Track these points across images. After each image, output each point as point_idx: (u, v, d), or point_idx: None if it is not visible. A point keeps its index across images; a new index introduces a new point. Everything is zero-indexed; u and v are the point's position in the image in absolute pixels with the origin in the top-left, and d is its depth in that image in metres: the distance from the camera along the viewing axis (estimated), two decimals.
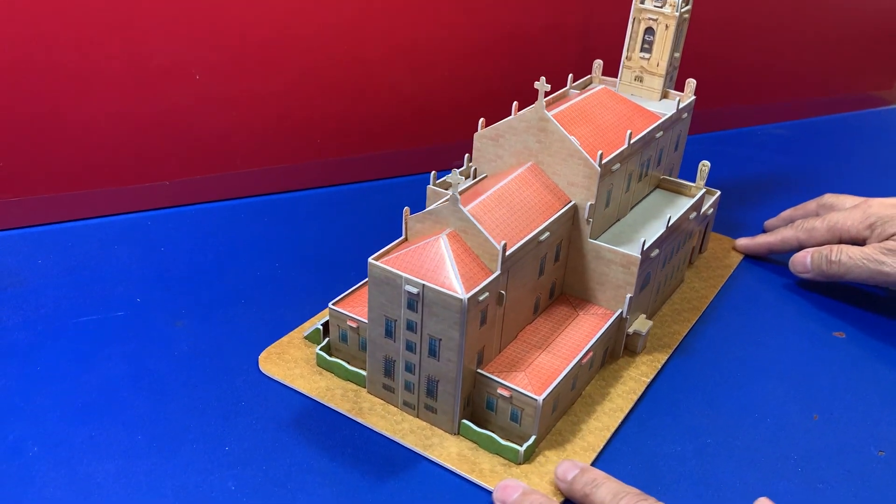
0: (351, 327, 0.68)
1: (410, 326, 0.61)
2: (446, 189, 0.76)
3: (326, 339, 0.70)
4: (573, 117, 0.72)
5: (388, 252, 0.63)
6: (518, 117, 0.70)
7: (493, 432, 0.62)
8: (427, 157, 1.06)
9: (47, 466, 0.59)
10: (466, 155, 0.79)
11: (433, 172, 0.76)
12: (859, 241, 0.82)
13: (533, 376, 0.63)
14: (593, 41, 1.06)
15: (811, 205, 0.91)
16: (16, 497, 0.56)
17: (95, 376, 0.67)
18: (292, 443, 0.62)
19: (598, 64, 0.90)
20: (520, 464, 0.61)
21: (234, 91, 0.91)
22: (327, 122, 0.98)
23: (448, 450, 0.62)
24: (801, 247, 0.87)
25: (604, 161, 0.68)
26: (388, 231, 0.91)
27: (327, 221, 0.94)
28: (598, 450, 0.63)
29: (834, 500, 0.60)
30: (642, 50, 0.84)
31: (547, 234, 0.67)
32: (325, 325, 0.71)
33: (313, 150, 0.99)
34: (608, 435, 0.65)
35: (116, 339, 0.72)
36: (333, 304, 0.69)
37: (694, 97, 0.85)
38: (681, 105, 0.82)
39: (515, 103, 0.75)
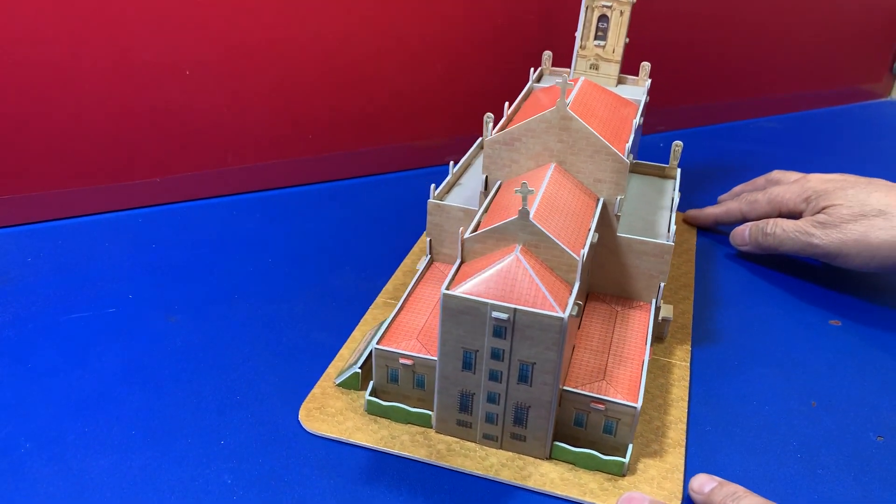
0: (404, 365, 0.63)
1: (496, 355, 0.57)
2: (442, 200, 0.74)
3: (370, 383, 0.64)
4: (580, 113, 0.70)
5: (456, 279, 0.58)
6: (538, 119, 0.67)
7: (582, 448, 0.60)
8: (417, 153, 1.05)
9: (40, 462, 0.58)
10: (451, 161, 0.77)
11: (432, 185, 0.73)
12: (797, 214, 0.85)
13: (615, 383, 0.62)
14: (548, 33, 1.05)
15: (760, 180, 0.95)
16: (8, 492, 0.55)
17: (88, 372, 0.67)
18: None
19: (547, 55, 0.89)
20: (624, 475, 0.59)
21: (225, 87, 0.91)
22: (318, 117, 0.98)
23: (548, 476, 0.59)
24: (744, 219, 0.90)
25: (629, 153, 0.68)
26: (376, 227, 0.92)
27: (319, 217, 0.94)
28: (684, 444, 0.63)
29: (834, 486, 0.60)
30: (596, 38, 0.85)
31: (597, 235, 0.65)
32: (363, 365, 0.66)
33: (304, 145, 0.99)
34: (684, 427, 0.64)
35: (108, 336, 0.71)
36: (379, 344, 0.63)
37: (650, 80, 0.86)
38: (648, 88, 0.83)
39: (507, 103, 0.73)
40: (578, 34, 0.85)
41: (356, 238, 0.90)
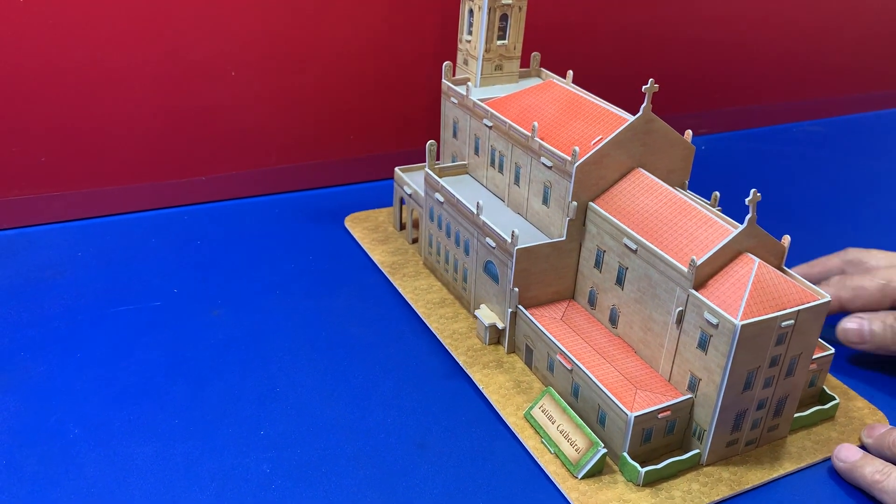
0: (660, 418, 0.59)
1: (775, 362, 0.57)
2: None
3: (623, 454, 0.59)
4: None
5: (726, 306, 0.56)
6: (625, 129, 0.65)
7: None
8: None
9: (87, 448, 0.60)
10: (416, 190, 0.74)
11: (512, 231, 0.68)
12: None
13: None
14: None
15: (833, 260, 0.77)
16: (58, 476, 0.57)
17: (133, 363, 0.69)
18: None
19: (447, 66, 0.85)
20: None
21: (270, 87, 0.92)
22: (357, 118, 0.99)
23: (804, 448, 0.63)
24: (841, 309, 0.72)
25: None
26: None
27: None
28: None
29: None
30: (498, 38, 0.84)
31: None
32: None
33: (344, 146, 1.00)
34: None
35: (154, 328, 0.73)
36: (632, 411, 0.57)
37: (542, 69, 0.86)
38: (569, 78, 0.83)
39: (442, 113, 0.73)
40: (482, 38, 0.82)
41: None
